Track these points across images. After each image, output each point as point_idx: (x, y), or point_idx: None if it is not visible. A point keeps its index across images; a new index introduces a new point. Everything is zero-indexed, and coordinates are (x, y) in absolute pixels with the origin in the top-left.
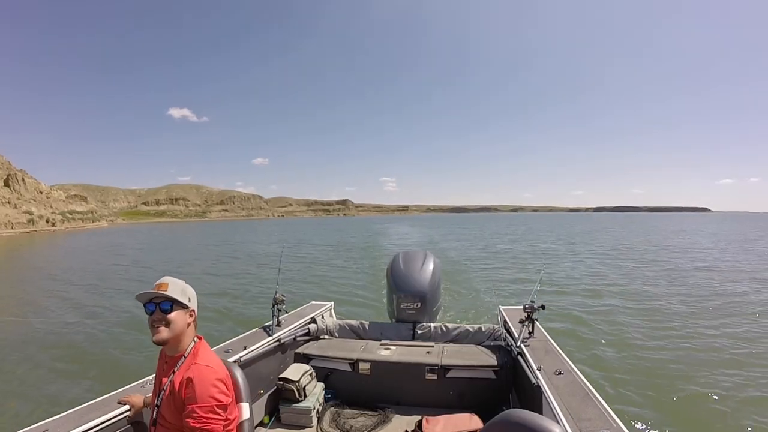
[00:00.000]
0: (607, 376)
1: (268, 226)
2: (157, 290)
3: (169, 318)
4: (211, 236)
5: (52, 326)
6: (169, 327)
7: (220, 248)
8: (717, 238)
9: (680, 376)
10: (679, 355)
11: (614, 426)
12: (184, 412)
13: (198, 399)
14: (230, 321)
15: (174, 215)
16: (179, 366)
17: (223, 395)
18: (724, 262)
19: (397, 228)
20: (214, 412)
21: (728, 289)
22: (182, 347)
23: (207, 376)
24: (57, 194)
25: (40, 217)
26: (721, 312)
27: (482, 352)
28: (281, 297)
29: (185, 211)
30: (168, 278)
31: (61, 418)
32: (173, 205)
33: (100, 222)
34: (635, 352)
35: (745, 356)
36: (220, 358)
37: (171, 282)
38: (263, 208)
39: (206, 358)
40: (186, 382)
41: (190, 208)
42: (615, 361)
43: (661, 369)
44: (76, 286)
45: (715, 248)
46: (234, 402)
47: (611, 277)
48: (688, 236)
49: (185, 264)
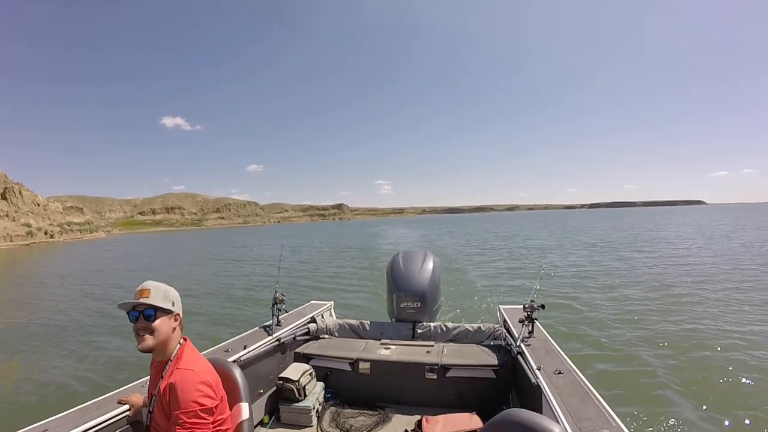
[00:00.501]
0: (607, 376)
1: (265, 233)
2: (139, 297)
3: (153, 326)
4: (215, 243)
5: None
6: (154, 335)
7: (236, 251)
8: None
9: (680, 376)
10: (679, 354)
11: (614, 425)
12: (170, 419)
13: (181, 404)
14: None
15: (170, 224)
16: (166, 370)
17: (207, 398)
18: (724, 257)
19: (394, 230)
20: (198, 416)
21: (737, 285)
22: (168, 351)
23: (189, 380)
24: (54, 206)
25: (39, 229)
26: (723, 311)
27: (482, 352)
28: (281, 297)
29: (181, 219)
30: (150, 283)
31: (61, 418)
32: (169, 214)
33: (97, 233)
34: (635, 352)
35: (747, 356)
36: (220, 357)
37: (153, 288)
38: (259, 215)
39: (189, 361)
40: (169, 387)
41: (186, 217)
42: (615, 361)
43: (661, 369)
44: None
45: (721, 242)
46: (224, 402)
47: (611, 274)
48: (696, 229)
49: (197, 266)
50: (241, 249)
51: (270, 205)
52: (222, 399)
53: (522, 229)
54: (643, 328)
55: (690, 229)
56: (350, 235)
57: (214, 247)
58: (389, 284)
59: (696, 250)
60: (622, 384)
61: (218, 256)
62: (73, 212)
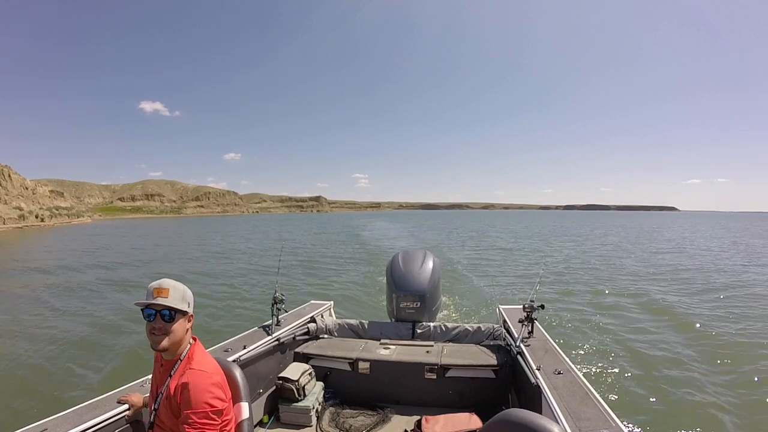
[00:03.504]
0: (607, 376)
1: (247, 222)
2: (156, 295)
3: (169, 327)
4: (208, 230)
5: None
6: (169, 335)
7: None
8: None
9: (680, 375)
10: (679, 354)
11: (613, 426)
12: (179, 418)
13: (193, 405)
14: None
15: (150, 211)
16: (175, 369)
17: (218, 400)
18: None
19: (377, 223)
20: (209, 417)
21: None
22: (180, 351)
23: (202, 381)
24: (42, 190)
25: (30, 212)
26: (726, 310)
27: (482, 352)
28: (281, 296)
29: (161, 207)
30: (168, 282)
31: (60, 418)
32: (149, 201)
33: (83, 218)
34: (635, 351)
35: (748, 356)
36: (220, 357)
37: (172, 287)
38: (238, 205)
39: (201, 362)
40: (181, 387)
41: (166, 204)
42: (615, 361)
43: (661, 369)
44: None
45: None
46: (230, 404)
47: (608, 275)
48: (678, 233)
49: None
50: (239, 238)
51: (248, 195)
52: (230, 400)
53: (524, 228)
54: (644, 327)
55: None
56: (334, 228)
57: (214, 234)
58: (389, 284)
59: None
60: (621, 384)
61: (229, 245)
62: (54, 197)
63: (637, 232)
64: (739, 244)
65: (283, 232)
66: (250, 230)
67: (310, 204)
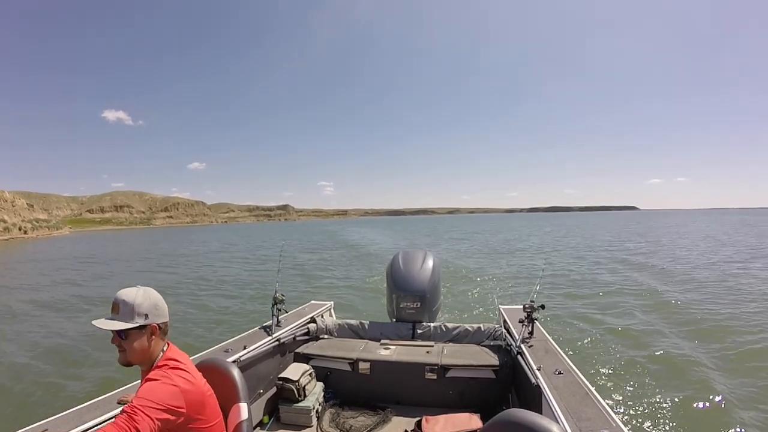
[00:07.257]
0: (607, 376)
1: (214, 231)
2: (111, 311)
3: (125, 345)
4: (182, 241)
5: None
6: (126, 352)
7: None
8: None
9: (681, 376)
10: (679, 353)
11: (614, 426)
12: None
13: (140, 392)
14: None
15: (119, 222)
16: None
17: (172, 399)
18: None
19: (356, 228)
20: (148, 409)
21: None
22: (151, 360)
23: (162, 379)
24: (20, 203)
25: (14, 225)
26: (727, 310)
27: (482, 352)
28: (281, 297)
29: (130, 218)
30: (121, 295)
31: (60, 418)
32: (118, 213)
33: (62, 230)
34: (635, 351)
35: (749, 356)
36: (219, 358)
37: (122, 303)
38: (207, 215)
39: (169, 367)
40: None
41: (135, 215)
42: (615, 361)
43: (661, 369)
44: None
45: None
46: (208, 409)
47: (608, 276)
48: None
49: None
50: (225, 246)
51: (217, 204)
52: (201, 409)
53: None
54: (643, 327)
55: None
56: (313, 237)
57: (190, 245)
58: (389, 284)
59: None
60: (621, 384)
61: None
62: (30, 209)
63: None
64: (737, 243)
65: (265, 239)
66: (236, 239)
67: (278, 213)
